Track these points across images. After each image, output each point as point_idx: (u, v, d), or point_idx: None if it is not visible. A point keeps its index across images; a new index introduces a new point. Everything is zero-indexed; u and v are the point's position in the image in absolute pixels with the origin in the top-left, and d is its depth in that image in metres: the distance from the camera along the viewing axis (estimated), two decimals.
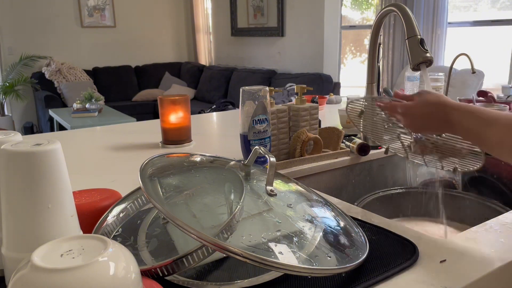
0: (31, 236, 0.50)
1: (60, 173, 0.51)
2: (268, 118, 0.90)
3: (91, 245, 0.38)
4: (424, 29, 3.76)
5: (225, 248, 0.46)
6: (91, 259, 0.35)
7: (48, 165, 0.49)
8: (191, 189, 0.60)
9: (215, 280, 0.55)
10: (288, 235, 0.53)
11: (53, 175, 0.50)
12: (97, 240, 0.39)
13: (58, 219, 0.51)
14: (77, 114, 4.20)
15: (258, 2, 5.10)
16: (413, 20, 0.91)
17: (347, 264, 0.52)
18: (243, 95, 0.88)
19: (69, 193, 0.53)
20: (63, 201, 0.51)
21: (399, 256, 0.59)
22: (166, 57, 6.43)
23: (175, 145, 1.25)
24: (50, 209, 0.50)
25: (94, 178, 0.99)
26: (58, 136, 1.46)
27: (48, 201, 0.50)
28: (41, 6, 5.39)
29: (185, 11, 6.50)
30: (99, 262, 0.35)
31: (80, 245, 0.38)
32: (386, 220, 0.73)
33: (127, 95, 5.82)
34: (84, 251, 0.37)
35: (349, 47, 4.74)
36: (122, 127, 1.61)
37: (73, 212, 0.53)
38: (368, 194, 1.01)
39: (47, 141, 0.51)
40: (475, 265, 0.57)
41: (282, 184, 0.68)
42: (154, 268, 0.50)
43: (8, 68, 5.27)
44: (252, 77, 4.93)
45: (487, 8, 3.57)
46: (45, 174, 0.49)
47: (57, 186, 0.50)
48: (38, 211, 0.49)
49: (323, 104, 1.88)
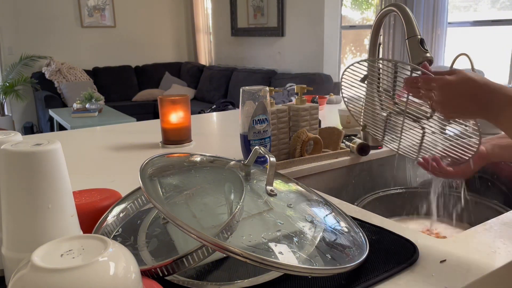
0: (31, 236, 0.50)
1: (60, 173, 0.51)
2: (268, 118, 0.90)
3: (92, 245, 0.38)
4: (424, 29, 3.76)
5: (225, 248, 0.46)
6: (91, 259, 0.35)
7: (48, 165, 0.49)
8: (191, 189, 0.60)
9: (215, 280, 0.55)
10: (288, 235, 0.53)
11: (53, 175, 0.50)
12: (98, 240, 0.39)
13: (58, 219, 0.51)
14: (77, 114, 4.20)
15: (258, 2, 5.10)
16: (413, 20, 0.91)
17: (347, 264, 0.52)
18: (243, 95, 0.88)
19: (69, 193, 0.53)
20: (63, 201, 0.51)
21: (399, 256, 0.59)
22: (166, 57, 6.43)
23: (175, 145, 1.25)
24: (50, 209, 0.50)
25: (94, 178, 0.99)
26: (58, 136, 1.46)
27: (48, 201, 0.50)
28: (41, 6, 5.39)
29: (185, 11, 6.50)
30: (99, 262, 0.35)
31: (81, 245, 0.38)
32: (386, 220, 0.73)
33: (127, 95, 5.82)
34: (84, 251, 0.37)
35: (349, 47, 4.74)
36: (122, 127, 1.61)
37: (73, 212, 0.53)
38: (368, 194, 1.01)
39: (47, 141, 0.51)
40: (475, 265, 0.57)
41: (282, 184, 0.68)
42: (154, 268, 0.50)
43: (8, 68, 5.27)
44: (252, 77, 4.93)
45: (487, 8, 3.57)
46: (45, 174, 0.49)
47: (57, 186, 0.50)
48: (38, 211, 0.49)
49: (323, 104, 1.88)
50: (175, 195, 0.58)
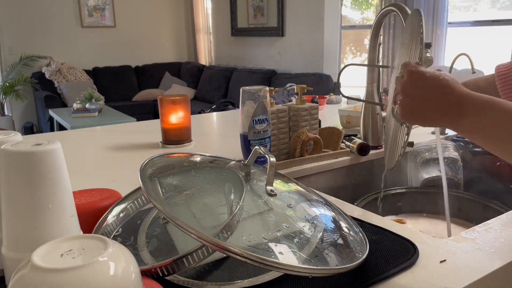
0: (31, 236, 0.50)
1: (60, 173, 0.51)
2: (268, 118, 0.90)
3: (91, 245, 0.38)
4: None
5: (225, 248, 0.46)
6: (91, 259, 0.35)
7: (48, 165, 0.49)
8: (191, 189, 0.60)
9: (215, 280, 0.55)
10: (288, 235, 0.53)
11: (53, 175, 0.50)
12: (97, 240, 0.39)
13: (58, 219, 0.51)
14: (77, 114, 4.20)
15: (258, 2, 5.10)
16: None
17: (347, 264, 0.52)
18: (243, 95, 0.88)
19: (69, 193, 0.53)
20: (63, 201, 0.51)
21: (399, 256, 0.59)
22: (166, 57, 6.43)
23: (175, 145, 1.25)
24: (50, 209, 0.50)
25: (94, 178, 0.99)
26: (58, 136, 1.46)
27: (48, 201, 0.50)
28: (41, 6, 5.39)
29: (185, 11, 6.50)
30: (99, 262, 0.35)
31: (80, 245, 0.38)
32: (386, 220, 0.73)
33: (127, 95, 5.82)
34: (84, 251, 0.37)
35: (349, 47, 4.74)
36: (122, 127, 1.61)
37: (73, 212, 0.53)
38: (368, 194, 1.01)
39: (47, 141, 0.51)
40: (475, 265, 0.57)
41: (282, 184, 0.68)
42: (154, 268, 0.50)
43: (8, 68, 5.27)
44: (252, 77, 4.93)
45: (487, 8, 3.57)
46: (45, 174, 0.49)
47: (57, 186, 0.50)
48: (38, 211, 0.49)
49: (323, 104, 1.88)
50: (175, 195, 0.58)
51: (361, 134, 1.19)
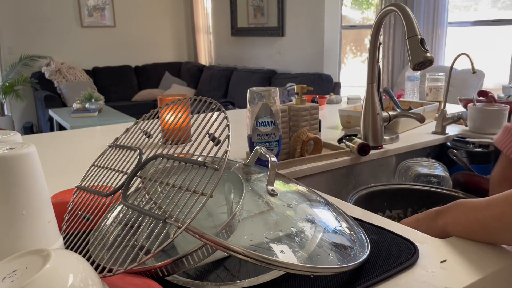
0: (5, 245, 0.47)
1: (35, 178, 0.48)
2: (275, 121, 0.88)
3: (34, 262, 0.36)
4: (424, 29, 3.76)
5: (226, 247, 0.46)
6: (26, 280, 0.33)
7: (21, 169, 0.47)
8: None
9: (215, 280, 0.55)
10: (289, 235, 0.53)
11: (27, 180, 0.47)
12: (38, 256, 0.37)
13: (33, 226, 0.48)
14: (77, 114, 4.20)
15: (258, 2, 5.10)
16: (413, 20, 0.91)
17: (348, 263, 0.52)
18: (250, 96, 0.87)
19: (45, 198, 0.50)
20: (38, 207, 0.49)
21: (399, 256, 0.59)
22: (166, 57, 6.44)
23: (175, 145, 1.25)
24: (24, 216, 0.47)
25: None
26: (57, 136, 1.46)
27: (22, 208, 0.47)
28: (41, 6, 5.39)
29: (185, 11, 6.50)
30: (35, 281, 0.33)
31: (25, 263, 0.36)
32: (386, 220, 0.73)
33: (127, 95, 5.82)
34: (27, 269, 0.35)
35: (349, 46, 4.74)
36: (122, 127, 1.61)
37: (51, 217, 0.51)
38: (360, 188, 0.99)
39: (21, 145, 0.48)
40: (475, 265, 0.57)
41: (282, 185, 0.68)
42: (154, 268, 0.50)
43: (8, 68, 5.28)
44: (252, 77, 4.93)
45: (488, 8, 3.57)
46: (18, 179, 0.47)
47: (32, 191, 0.48)
48: (11, 218, 0.46)
49: (323, 104, 1.88)
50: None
51: (361, 134, 1.19)
